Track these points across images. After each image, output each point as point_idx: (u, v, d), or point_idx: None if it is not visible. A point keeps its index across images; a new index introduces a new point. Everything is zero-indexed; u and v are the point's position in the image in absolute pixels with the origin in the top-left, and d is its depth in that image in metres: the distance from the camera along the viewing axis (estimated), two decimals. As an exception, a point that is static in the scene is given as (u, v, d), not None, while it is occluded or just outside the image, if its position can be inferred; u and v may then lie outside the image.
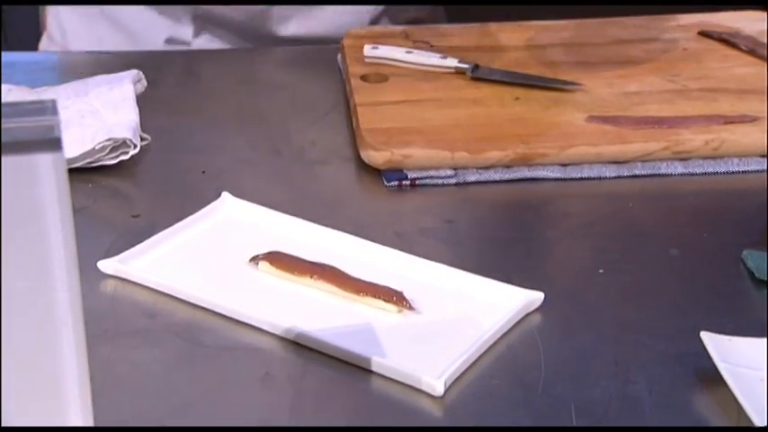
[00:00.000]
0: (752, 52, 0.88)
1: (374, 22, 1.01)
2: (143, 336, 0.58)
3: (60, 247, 0.36)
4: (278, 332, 0.59)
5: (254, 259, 0.64)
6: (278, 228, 0.68)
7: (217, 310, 0.61)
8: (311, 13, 0.98)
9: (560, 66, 0.89)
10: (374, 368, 0.57)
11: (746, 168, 0.77)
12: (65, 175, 0.36)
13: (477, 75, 0.87)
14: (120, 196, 0.71)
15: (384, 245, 0.67)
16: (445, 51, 0.90)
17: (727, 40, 0.90)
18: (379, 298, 0.62)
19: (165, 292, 0.62)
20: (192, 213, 0.69)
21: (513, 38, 0.94)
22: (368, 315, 0.61)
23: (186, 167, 0.76)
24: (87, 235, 0.67)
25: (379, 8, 1.01)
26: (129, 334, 0.58)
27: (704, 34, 0.93)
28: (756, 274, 0.65)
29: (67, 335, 0.38)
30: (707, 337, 0.57)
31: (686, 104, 0.82)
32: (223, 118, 0.84)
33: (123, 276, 0.63)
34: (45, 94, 0.78)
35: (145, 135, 0.77)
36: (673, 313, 0.63)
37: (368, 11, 1.00)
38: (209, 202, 0.70)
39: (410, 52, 0.89)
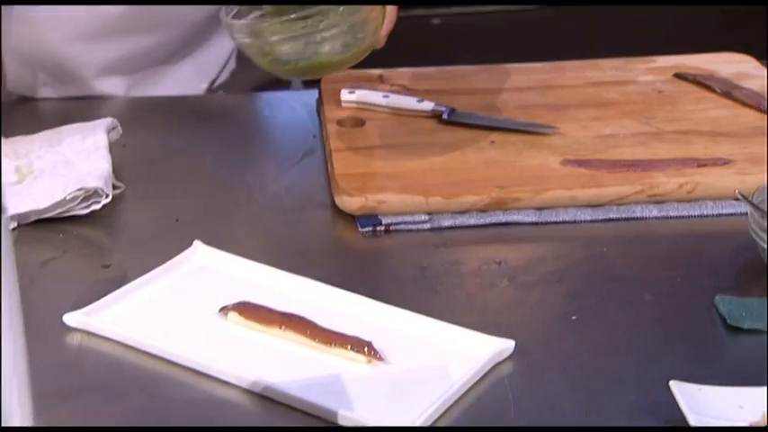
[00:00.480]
0: (726, 95, 0.88)
1: None
2: (108, 391, 0.58)
3: (5, 319, 0.36)
4: (245, 385, 0.59)
5: (224, 310, 0.64)
6: (250, 276, 0.68)
7: (184, 363, 0.60)
8: None
9: (536, 109, 0.89)
10: (341, 422, 0.56)
11: (720, 211, 0.77)
12: (8, 242, 0.35)
13: (454, 118, 0.87)
14: (90, 246, 0.71)
15: (357, 292, 0.66)
16: (422, 95, 0.90)
17: (701, 82, 0.90)
18: (348, 348, 0.61)
19: (132, 345, 0.61)
20: (163, 262, 0.68)
21: (490, 80, 0.94)
22: (337, 366, 0.61)
23: (159, 216, 0.76)
24: (55, 286, 0.66)
25: None
26: (94, 388, 0.58)
27: (679, 76, 0.93)
28: (728, 320, 0.64)
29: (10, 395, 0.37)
30: (676, 387, 0.57)
31: (660, 147, 0.82)
32: (199, 165, 0.84)
33: (89, 330, 0.62)
34: (19, 144, 0.79)
35: (118, 183, 0.77)
36: (645, 361, 0.62)
37: None
38: (181, 251, 0.70)
39: (387, 96, 0.89)
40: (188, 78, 0.94)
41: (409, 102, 0.88)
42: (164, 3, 0.90)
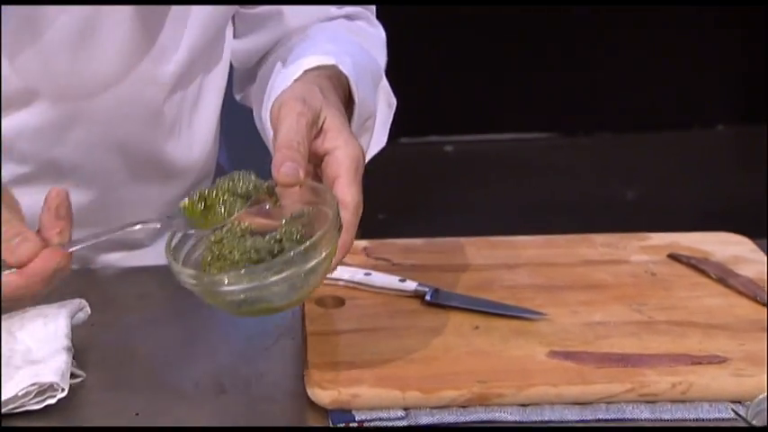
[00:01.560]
0: (721, 281, 0.85)
1: None
2: None
3: None
4: None
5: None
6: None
7: None
8: None
9: (524, 290, 0.86)
10: None
11: (718, 416, 0.72)
12: None
13: (437, 300, 0.83)
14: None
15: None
16: (406, 270, 0.87)
17: (696, 266, 0.87)
18: None
19: None
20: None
21: (479, 256, 0.91)
22: None
23: (119, 409, 0.71)
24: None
25: None
26: None
27: (674, 258, 0.90)
28: None
29: None
30: None
31: (652, 339, 0.78)
32: (169, 343, 0.80)
33: None
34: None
35: (78, 372, 0.73)
36: None
37: None
38: (141, 447, 0.66)
39: (369, 274, 0.86)
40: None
41: (392, 281, 0.85)
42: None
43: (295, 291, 0.68)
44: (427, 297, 0.83)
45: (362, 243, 0.93)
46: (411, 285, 0.84)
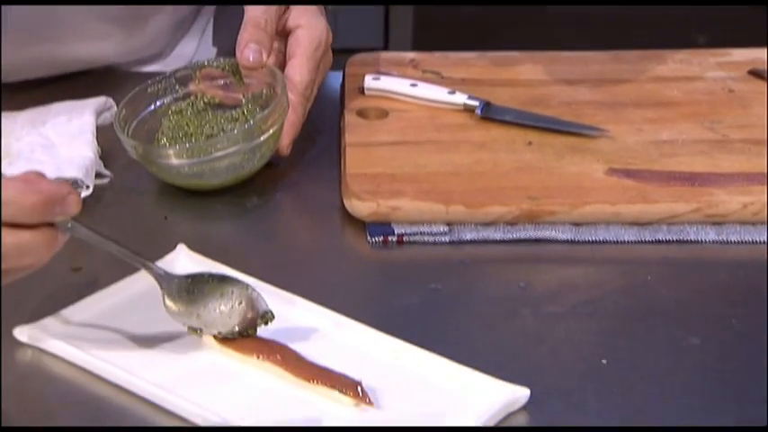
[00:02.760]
0: (807, 99, 0.76)
1: None
2: (48, 424, 0.50)
3: None
4: (208, 424, 0.51)
5: (195, 330, 0.56)
6: (233, 290, 0.60)
7: (140, 393, 0.52)
8: None
9: (585, 106, 0.78)
10: (312, 479, 0.48)
11: (792, 239, 0.66)
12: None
13: (488, 114, 0.77)
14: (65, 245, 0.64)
15: (354, 315, 0.58)
16: (456, 84, 0.81)
17: (779, 82, 0.79)
18: (334, 388, 0.53)
19: (84, 367, 0.54)
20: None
21: (536, 70, 0.83)
22: (318, 408, 0.52)
23: (147, 212, 0.68)
24: (14, 291, 0.59)
25: None
26: (33, 418, 0.50)
27: (755, 74, 0.81)
28: (791, 379, 0.54)
29: None
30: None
31: (725, 158, 0.71)
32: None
33: (41, 347, 0.55)
34: (3, 121, 0.71)
35: (105, 172, 0.69)
36: (686, 422, 0.52)
37: None
38: (165, 254, 0.62)
39: (415, 85, 0.79)
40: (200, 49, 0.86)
41: (439, 93, 0.78)
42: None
43: (235, 169, 0.68)
44: (478, 111, 0.77)
45: (410, 55, 0.86)
46: (461, 98, 0.78)
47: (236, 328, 0.55)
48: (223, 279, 0.56)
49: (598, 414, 0.53)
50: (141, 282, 0.59)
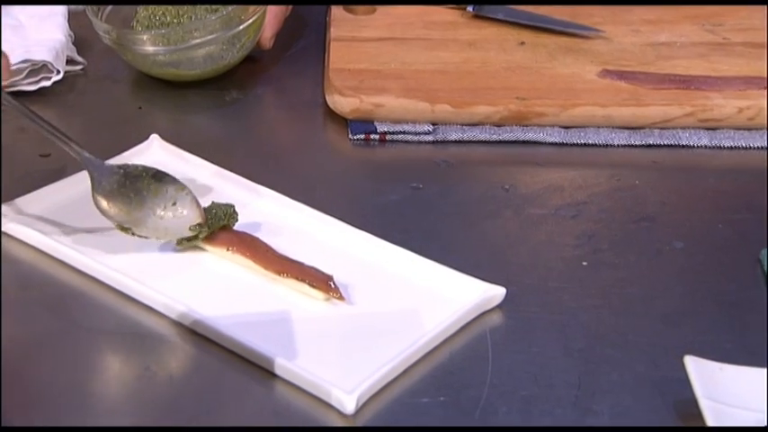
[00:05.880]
0: (813, 3, 0.73)
1: None
2: (8, 309, 0.49)
3: None
4: (172, 315, 0.50)
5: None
6: (205, 181, 0.58)
7: (103, 280, 0.51)
8: None
9: (582, 5, 0.75)
10: (277, 371, 0.47)
11: (786, 146, 0.64)
12: None
13: (481, 12, 0.74)
14: (32, 130, 0.61)
15: (330, 212, 0.56)
16: (450, -21, 0.78)
17: (785, -15, 0.75)
18: (304, 282, 0.51)
19: (47, 252, 0.52)
20: (113, 156, 0.59)
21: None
22: (288, 301, 0.51)
23: (121, 101, 0.66)
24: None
25: None
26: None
27: (760, -23, 0.78)
28: (774, 284, 0.53)
29: None
30: (692, 364, 0.46)
31: (724, 61, 0.68)
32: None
33: (4, 231, 0.53)
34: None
35: (78, 58, 0.67)
36: (662, 325, 0.51)
37: None
38: (138, 143, 0.60)
39: (405, -21, 0.76)
40: None
41: (430, -12, 0.76)
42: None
43: (213, 59, 0.66)
44: (469, 8, 0.74)
45: (403, -50, 0.82)
46: (452, -6, 0.75)
47: (168, 234, 0.52)
48: (158, 176, 0.53)
49: (573, 314, 0.51)
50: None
